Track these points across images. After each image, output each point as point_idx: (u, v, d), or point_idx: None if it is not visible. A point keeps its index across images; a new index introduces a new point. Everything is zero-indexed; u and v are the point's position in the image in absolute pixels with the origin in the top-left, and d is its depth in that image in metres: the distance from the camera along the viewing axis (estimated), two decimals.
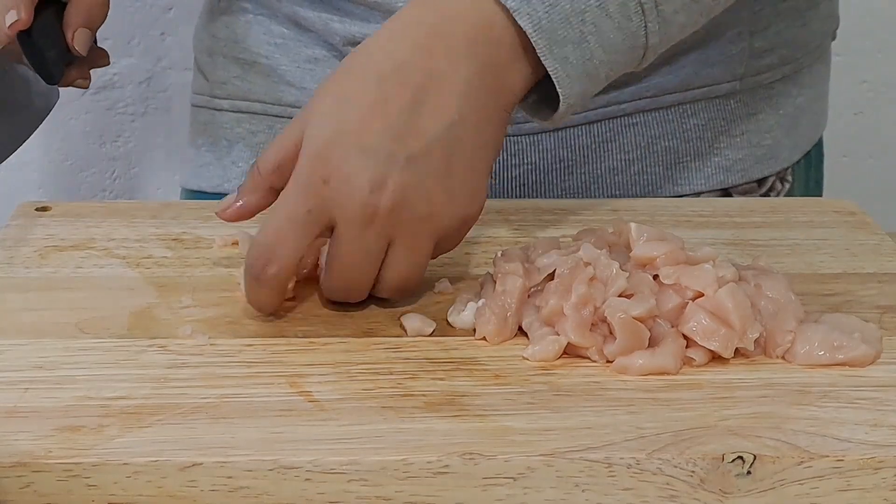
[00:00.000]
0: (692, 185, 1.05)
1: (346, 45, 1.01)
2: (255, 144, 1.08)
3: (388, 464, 0.65)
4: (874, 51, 1.60)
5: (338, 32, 1.01)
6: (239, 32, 1.06)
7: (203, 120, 1.12)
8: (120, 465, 0.65)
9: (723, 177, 1.06)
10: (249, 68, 1.07)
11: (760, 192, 1.08)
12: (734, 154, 1.05)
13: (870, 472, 0.66)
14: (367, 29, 0.99)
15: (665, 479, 0.66)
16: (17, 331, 0.78)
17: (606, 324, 0.75)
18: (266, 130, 1.07)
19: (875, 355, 0.76)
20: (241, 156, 1.09)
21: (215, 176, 1.10)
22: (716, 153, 1.04)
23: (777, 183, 1.09)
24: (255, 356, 0.75)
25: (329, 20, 1.01)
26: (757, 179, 1.07)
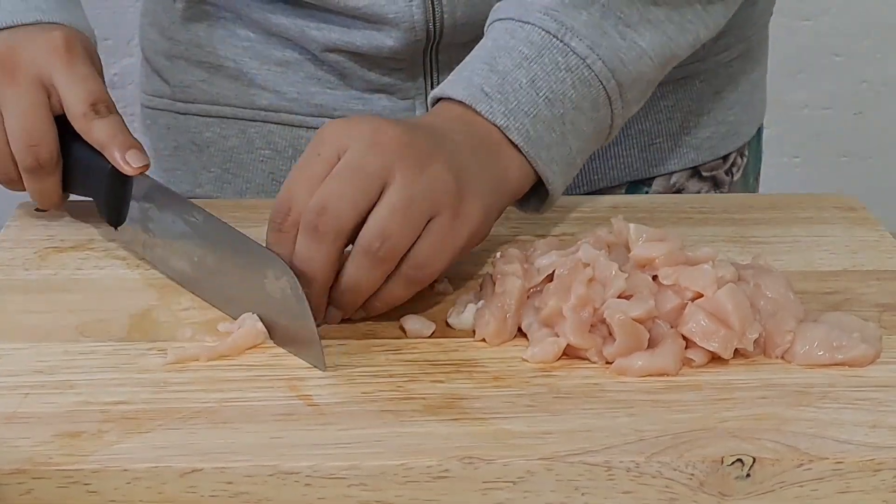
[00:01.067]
0: (666, 165, 1.07)
1: (325, 52, 1.00)
2: (227, 149, 1.07)
3: (387, 468, 0.65)
4: (874, 51, 1.59)
5: (316, 39, 1.00)
6: (202, 36, 1.04)
7: (164, 124, 1.10)
8: (120, 471, 0.65)
9: (694, 155, 1.08)
10: (216, 72, 1.05)
11: (724, 168, 1.11)
12: (703, 133, 1.07)
13: (869, 473, 0.66)
14: (348, 36, 0.98)
15: (665, 482, 0.66)
16: (17, 334, 0.78)
17: (606, 325, 0.75)
18: (238, 134, 1.06)
19: (875, 355, 0.76)
20: (213, 160, 1.08)
21: (185, 181, 1.09)
22: (686, 133, 1.05)
23: (738, 158, 1.12)
24: (255, 360, 0.75)
25: (305, 27, 1.00)
26: (723, 156, 1.10)
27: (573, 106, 0.86)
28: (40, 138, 0.87)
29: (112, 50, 1.52)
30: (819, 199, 1.01)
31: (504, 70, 0.86)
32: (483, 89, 0.85)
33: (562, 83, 0.86)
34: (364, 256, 0.77)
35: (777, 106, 1.42)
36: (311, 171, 0.78)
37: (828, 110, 1.37)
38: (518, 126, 0.85)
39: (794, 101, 1.61)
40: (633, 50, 0.88)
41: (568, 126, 0.86)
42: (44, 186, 0.89)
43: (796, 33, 1.55)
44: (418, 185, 0.77)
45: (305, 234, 0.77)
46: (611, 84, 0.87)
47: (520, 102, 0.85)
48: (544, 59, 0.86)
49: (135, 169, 0.86)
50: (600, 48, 0.87)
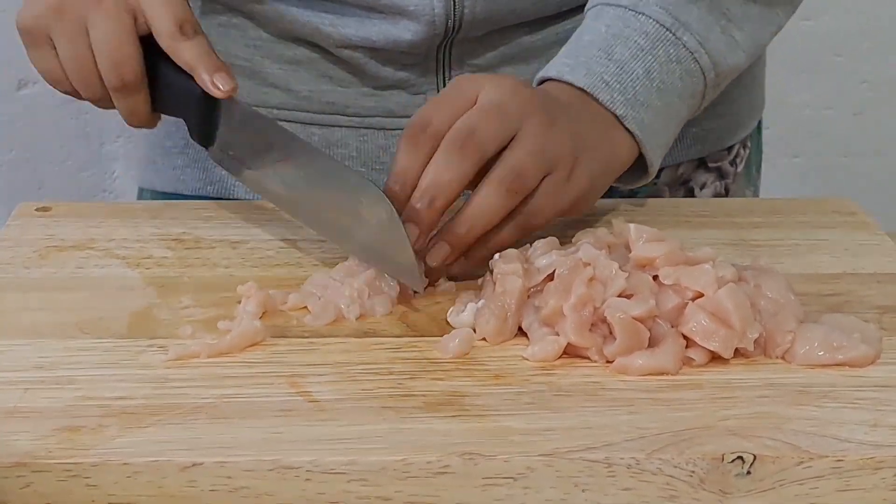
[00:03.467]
0: (673, 156, 1.08)
1: (339, 48, 1.01)
2: None
3: (387, 464, 0.65)
4: (874, 51, 1.60)
5: (330, 35, 1.00)
6: (215, 35, 1.04)
7: (173, 121, 1.09)
8: (120, 465, 0.65)
9: (700, 147, 1.10)
10: None
11: (728, 159, 1.13)
12: (708, 123, 1.09)
13: (869, 472, 0.66)
14: (363, 31, 0.99)
15: (665, 479, 0.66)
16: (18, 331, 0.78)
17: (606, 324, 0.75)
18: None
19: (875, 355, 0.76)
20: None
21: (195, 179, 1.09)
22: (692, 124, 1.06)
23: (741, 150, 1.14)
24: (255, 356, 0.75)
25: (320, 24, 1.00)
26: (727, 147, 1.12)
27: (678, 95, 0.92)
28: (125, 58, 0.88)
29: None
30: (818, 203, 1.02)
31: (621, 60, 0.90)
32: (603, 78, 0.90)
33: (671, 74, 0.92)
34: (498, 184, 0.82)
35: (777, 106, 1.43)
36: (453, 100, 0.84)
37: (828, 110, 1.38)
38: (635, 116, 0.90)
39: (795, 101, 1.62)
40: (731, 44, 0.94)
41: (673, 114, 0.93)
42: (131, 105, 0.90)
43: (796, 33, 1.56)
44: (546, 140, 0.84)
45: (449, 151, 0.82)
46: (711, 76, 0.93)
47: (637, 93, 0.90)
48: (658, 51, 0.91)
49: (223, 91, 0.86)
50: (708, 43, 0.93)
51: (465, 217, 0.82)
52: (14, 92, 1.58)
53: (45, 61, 0.92)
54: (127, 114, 0.91)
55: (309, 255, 0.90)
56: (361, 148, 1.04)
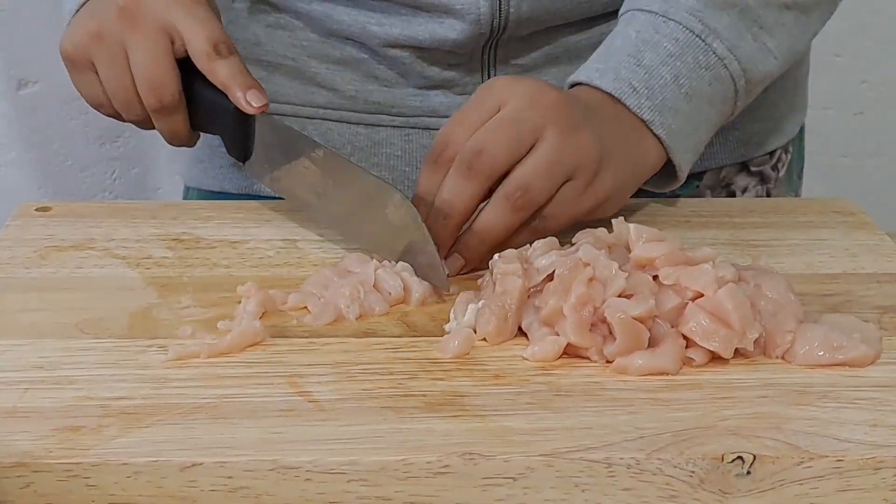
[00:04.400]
0: (716, 159, 1.09)
1: (386, 48, 1.01)
2: None
3: (387, 464, 0.65)
4: (874, 51, 1.60)
5: (377, 35, 1.00)
6: (261, 35, 1.05)
7: None
8: (120, 465, 0.65)
9: (743, 150, 1.10)
10: (274, 70, 1.06)
11: (770, 164, 1.13)
12: (751, 127, 1.09)
13: (869, 472, 0.66)
14: (409, 30, 0.99)
15: (665, 479, 0.66)
16: (17, 331, 0.78)
17: (606, 324, 0.75)
18: None
19: (875, 356, 0.76)
20: None
21: (242, 178, 1.09)
22: (735, 127, 1.07)
23: (783, 154, 1.14)
24: (255, 356, 0.75)
25: (366, 23, 1.00)
26: (769, 152, 1.12)
27: (707, 101, 0.93)
28: (163, 81, 0.90)
29: None
30: (818, 203, 1.02)
31: (650, 65, 0.91)
32: (631, 83, 0.90)
33: (700, 80, 0.92)
34: (504, 202, 0.84)
35: None
36: (471, 117, 0.86)
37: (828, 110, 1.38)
38: (662, 121, 0.91)
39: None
40: (762, 51, 0.94)
41: (702, 119, 0.93)
42: (170, 125, 0.93)
43: None
44: (565, 148, 0.84)
45: (458, 171, 0.84)
46: (741, 82, 0.94)
47: (665, 98, 0.91)
48: (687, 57, 0.92)
49: (255, 108, 0.89)
50: (738, 49, 0.93)
51: (475, 232, 0.85)
52: (14, 92, 1.58)
53: (88, 86, 0.94)
54: (168, 134, 0.93)
55: (309, 255, 0.90)
56: (406, 147, 1.04)
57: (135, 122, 0.94)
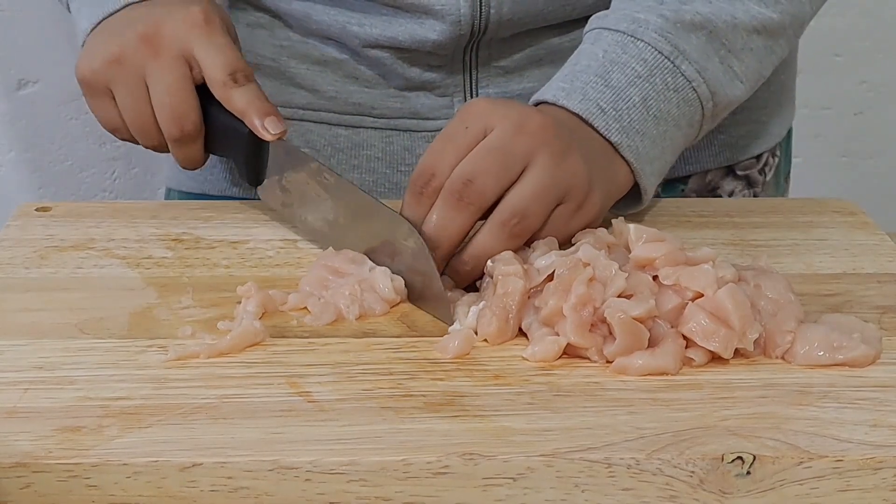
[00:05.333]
0: (701, 163, 1.08)
1: (365, 48, 1.01)
2: None
3: (387, 464, 0.65)
4: (874, 51, 1.60)
5: (357, 35, 1.00)
6: (241, 34, 1.05)
7: None
8: (120, 465, 0.65)
9: (728, 154, 1.09)
10: (255, 70, 1.06)
11: (758, 168, 1.12)
12: (737, 131, 1.08)
13: (869, 472, 0.66)
14: (389, 30, 0.99)
15: (665, 479, 0.66)
16: (17, 331, 0.78)
17: (606, 324, 0.75)
18: None
19: (875, 356, 0.76)
20: None
21: (221, 179, 1.09)
22: (721, 131, 1.06)
23: (770, 158, 1.13)
24: (255, 357, 0.75)
25: (346, 23, 1.00)
26: (755, 155, 1.11)
27: (675, 123, 0.91)
28: (185, 111, 0.91)
29: None
30: (818, 203, 1.02)
31: (618, 86, 0.89)
32: (599, 104, 0.88)
33: (668, 102, 0.90)
34: (500, 229, 0.82)
35: None
36: (457, 143, 0.83)
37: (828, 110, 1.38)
38: (630, 144, 0.89)
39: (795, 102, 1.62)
40: (729, 75, 0.92)
41: (668, 142, 0.91)
42: (188, 153, 0.93)
43: None
44: (557, 173, 0.83)
45: (447, 202, 0.82)
46: (709, 105, 0.92)
47: (632, 121, 0.89)
48: (655, 78, 0.90)
49: (273, 135, 0.89)
50: (706, 72, 0.91)
51: (468, 256, 0.83)
52: (14, 92, 1.58)
53: (104, 111, 0.94)
54: (182, 160, 0.94)
55: (309, 255, 0.90)
56: (387, 149, 1.04)
57: (150, 147, 0.94)
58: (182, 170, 1.12)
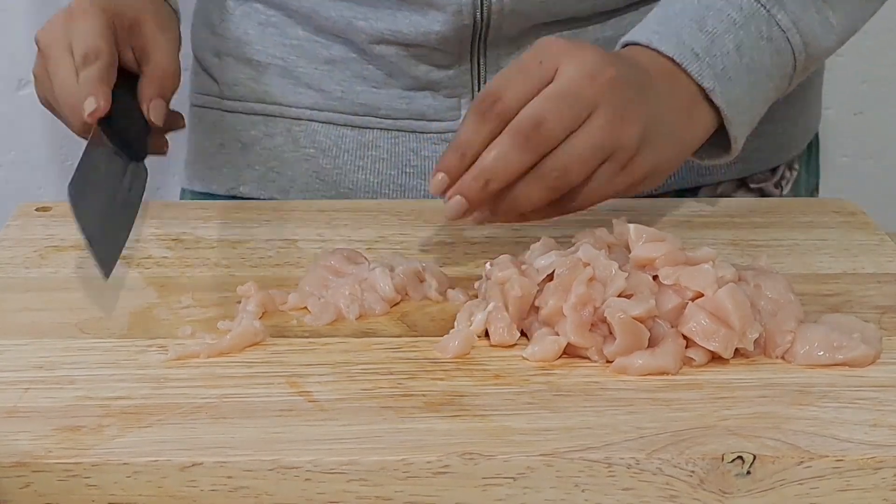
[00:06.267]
0: (713, 175, 1.07)
1: (372, 44, 1.01)
2: (271, 147, 1.07)
3: (387, 464, 0.65)
4: (874, 51, 1.60)
5: (363, 30, 1.00)
6: (252, 34, 1.06)
7: (211, 121, 1.10)
8: (120, 465, 0.65)
9: (741, 166, 1.08)
10: (264, 70, 1.06)
11: (773, 181, 1.11)
12: (750, 144, 1.07)
13: (869, 472, 0.66)
14: (394, 24, 0.99)
15: (665, 478, 0.66)
16: (17, 331, 0.78)
17: (606, 324, 0.75)
18: (283, 133, 1.07)
19: (875, 355, 0.76)
20: (257, 158, 1.08)
21: (229, 179, 1.09)
22: None
23: (786, 172, 1.12)
24: (255, 356, 0.75)
25: (352, 18, 1.00)
26: (770, 168, 1.10)
27: (767, 73, 0.91)
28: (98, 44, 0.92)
29: None
30: (818, 203, 1.02)
31: (713, 32, 0.89)
32: (693, 49, 0.88)
33: (762, 52, 0.90)
34: (541, 180, 0.81)
35: None
36: (529, 75, 0.82)
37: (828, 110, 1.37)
38: (722, 90, 0.88)
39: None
40: (824, 26, 0.92)
41: (759, 92, 0.91)
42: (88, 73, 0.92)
43: None
44: (609, 134, 0.82)
45: (514, 139, 0.81)
46: (801, 57, 0.92)
47: (726, 67, 0.88)
48: (751, 26, 0.89)
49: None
50: (801, 22, 0.91)
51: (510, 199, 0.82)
52: (14, 92, 1.58)
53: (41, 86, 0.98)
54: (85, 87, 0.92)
55: (309, 255, 0.90)
56: (392, 150, 1.04)
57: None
58: (194, 172, 1.12)
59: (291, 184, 1.07)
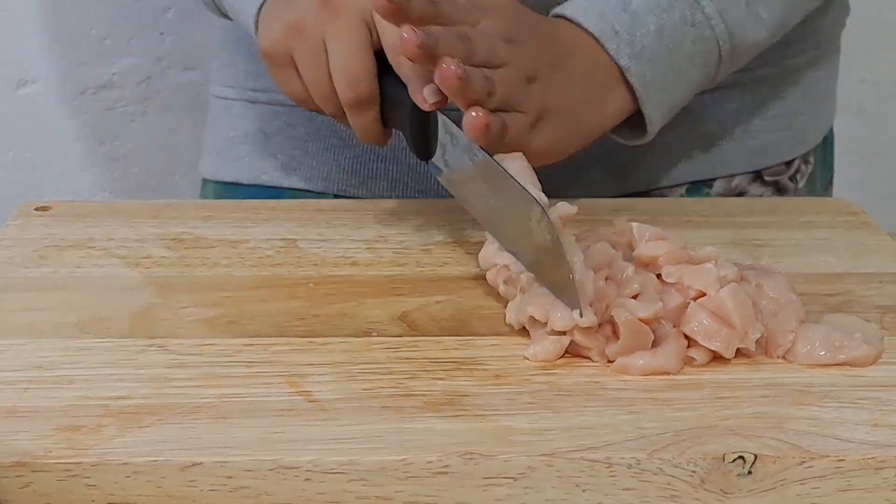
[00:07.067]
0: (727, 167, 1.08)
1: None
2: (294, 137, 1.08)
3: (387, 464, 0.65)
4: (874, 50, 1.60)
5: None
6: None
7: (235, 113, 1.11)
8: (120, 464, 0.64)
9: (756, 159, 1.08)
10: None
11: (788, 175, 1.10)
12: (766, 137, 1.08)
13: (871, 472, 0.66)
14: None
15: (666, 478, 0.66)
16: (17, 331, 0.78)
17: (610, 324, 0.75)
18: (306, 123, 1.07)
19: (876, 355, 0.76)
20: (280, 148, 1.08)
21: (253, 168, 1.10)
22: (750, 136, 1.06)
23: (802, 165, 1.12)
24: (255, 356, 0.75)
25: None
26: (786, 161, 1.10)
27: (688, 58, 0.91)
28: (360, 75, 0.86)
29: (112, 50, 1.52)
30: (819, 203, 1.02)
31: (636, 12, 0.90)
32: (614, 27, 0.89)
33: (684, 36, 0.91)
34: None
35: None
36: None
37: None
38: (638, 70, 0.89)
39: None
40: (753, 19, 0.93)
41: (680, 76, 0.91)
42: (363, 121, 0.89)
43: None
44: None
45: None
46: (726, 47, 0.92)
47: (644, 47, 0.89)
48: (675, 10, 0.91)
49: (429, 105, 0.84)
50: (727, 13, 0.92)
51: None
52: (14, 92, 1.58)
53: (288, 83, 0.91)
54: (360, 130, 0.90)
55: (309, 255, 0.89)
56: (391, 140, 1.04)
57: (334, 115, 0.91)
58: (220, 162, 1.12)
59: (313, 173, 1.07)
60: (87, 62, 1.53)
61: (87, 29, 1.51)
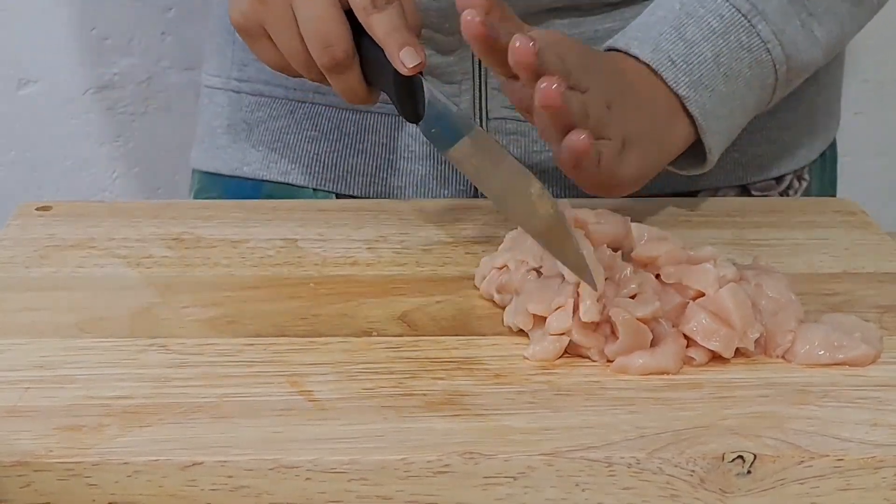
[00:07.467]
0: (710, 180, 1.06)
1: None
2: (275, 129, 1.08)
3: (388, 463, 0.65)
4: (875, 50, 1.60)
5: None
6: None
7: (220, 102, 1.11)
8: (120, 464, 0.65)
9: (741, 173, 1.07)
10: None
11: (779, 190, 1.09)
12: (752, 150, 1.06)
13: (870, 471, 0.66)
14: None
15: (665, 478, 0.66)
16: (18, 330, 0.78)
17: (609, 324, 0.75)
18: (287, 115, 1.07)
19: (875, 355, 0.76)
20: (262, 139, 1.08)
21: (233, 159, 1.10)
22: (735, 149, 1.04)
23: (794, 181, 1.11)
24: (256, 356, 0.75)
25: None
26: (775, 177, 1.09)
27: (746, 83, 0.91)
28: (334, 39, 0.84)
29: (112, 50, 1.52)
30: (818, 203, 1.02)
31: (692, 40, 0.89)
32: (670, 56, 0.88)
33: (740, 61, 0.90)
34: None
35: None
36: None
37: None
38: (697, 98, 0.88)
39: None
40: (809, 39, 0.92)
41: (737, 102, 0.91)
42: (344, 83, 0.87)
43: None
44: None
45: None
46: (782, 69, 0.92)
47: (702, 76, 0.89)
48: (730, 36, 0.90)
49: (408, 69, 0.83)
50: (783, 34, 0.91)
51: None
52: (14, 92, 1.58)
53: (265, 53, 0.89)
54: (343, 92, 0.88)
55: (309, 255, 0.90)
56: (394, 135, 1.04)
57: (317, 80, 0.89)
58: (203, 151, 1.12)
59: (292, 165, 1.07)
60: (88, 62, 1.53)
61: (87, 29, 1.51)
